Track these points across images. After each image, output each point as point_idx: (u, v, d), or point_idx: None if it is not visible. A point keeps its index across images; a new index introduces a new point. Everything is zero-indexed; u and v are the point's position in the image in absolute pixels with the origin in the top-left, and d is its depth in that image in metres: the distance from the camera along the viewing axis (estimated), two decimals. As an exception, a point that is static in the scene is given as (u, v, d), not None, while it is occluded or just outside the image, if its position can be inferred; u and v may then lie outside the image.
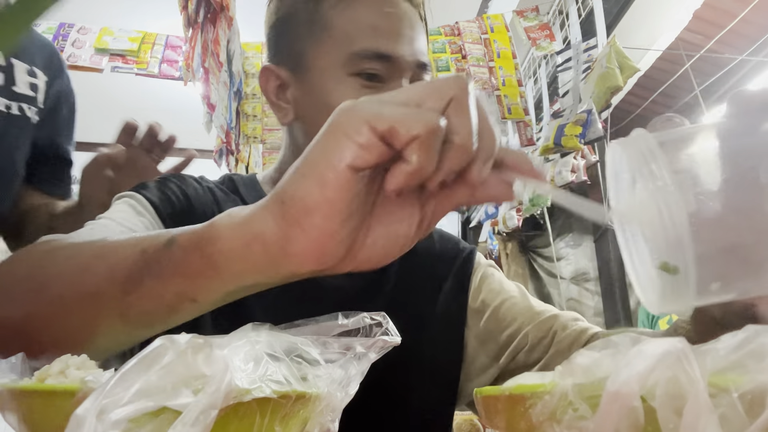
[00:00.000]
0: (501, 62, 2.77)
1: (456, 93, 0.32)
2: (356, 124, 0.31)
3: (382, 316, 0.38)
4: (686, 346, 0.25)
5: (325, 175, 0.31)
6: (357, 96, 0.61)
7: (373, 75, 0.63)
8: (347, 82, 0.63)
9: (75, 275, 0.39)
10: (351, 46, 0.62)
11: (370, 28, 0.63)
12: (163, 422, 0.25)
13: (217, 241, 0.35)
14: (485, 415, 0.32)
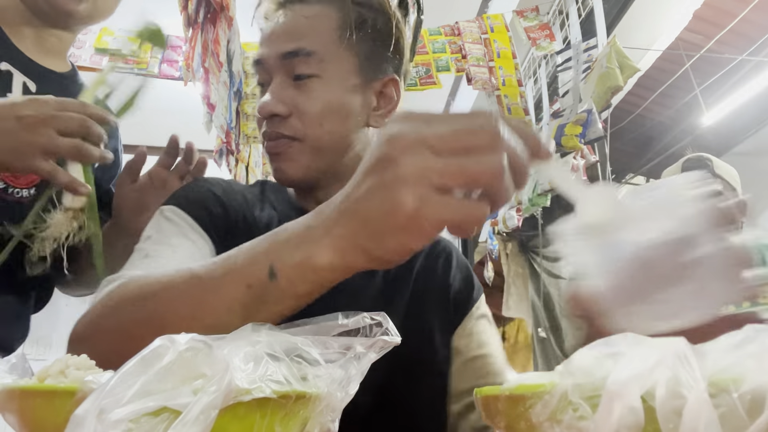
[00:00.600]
0: (501, 62, 2.77)
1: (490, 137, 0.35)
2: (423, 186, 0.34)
3: (382, 316, 0.38)
4: (686, 346, 0.25)
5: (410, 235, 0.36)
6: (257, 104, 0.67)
7: (260, 82, 0.71)
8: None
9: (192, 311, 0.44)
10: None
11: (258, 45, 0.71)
12: (163, 422, 0.25)
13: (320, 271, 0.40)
14: (485, 415, 0.32)
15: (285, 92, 0.67)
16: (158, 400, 0.25)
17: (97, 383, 0.27)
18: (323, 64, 0.67)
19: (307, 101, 0.67)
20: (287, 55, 0.67)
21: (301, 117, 0.67)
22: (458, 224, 0.35)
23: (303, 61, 0.67)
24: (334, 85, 0.68)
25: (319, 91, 0.67)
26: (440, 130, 0.35)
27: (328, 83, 0.68)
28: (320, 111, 0.67)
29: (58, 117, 0.69)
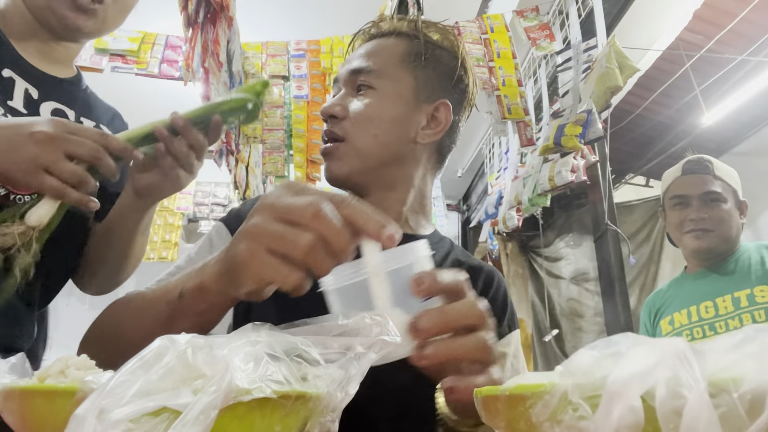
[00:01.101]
0: (501, 62, 2.77)
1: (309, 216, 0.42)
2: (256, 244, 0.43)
3: (382, 317, 0.38)
4: (686, 346, 0.25)
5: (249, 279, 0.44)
6: None
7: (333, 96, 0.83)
8: None
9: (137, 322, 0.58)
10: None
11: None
12: (163, 422, 0.25)
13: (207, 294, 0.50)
14: (485, 415, 0.32)
15: (344, 99, 0.79)
16: (158, 400, 0.25)
17: (97, 383, 0.27)
18: (381, 79, 0.78)
19: (359, 106, 0.77)
20: (354, 71, 0.80)
21: (351, 120, 0.76)
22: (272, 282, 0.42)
23: (364, 76, 0.78)
24: (387, 98, 0.78)
25: (371, 100, 0.77)
26: (290, 202, 0.43)
27: (381, 96, 0.78)
28: (368, 116, 0.76)
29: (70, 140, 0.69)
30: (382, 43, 0.82)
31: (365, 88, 0.78)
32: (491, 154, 4.37)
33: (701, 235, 1.61)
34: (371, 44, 0.83)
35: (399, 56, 0.80)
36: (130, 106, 5.13)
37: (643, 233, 4.59)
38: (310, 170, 3.11)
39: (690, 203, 1.64)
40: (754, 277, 1.53)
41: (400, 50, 0.81)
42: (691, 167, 1.70)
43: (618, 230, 2.72)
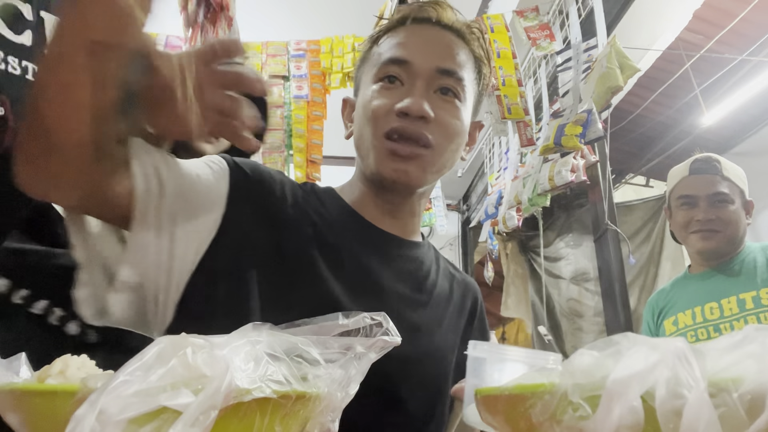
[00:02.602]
0: (501, 62, 2.77)
1: None
2: None
3: (383, 317, 0.38)
4: (686, 346, 0.25)
5: None
6: (383, 98, 0.71)
7: (391, 77, 0.73)
8: (374, 89, 0.74)
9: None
10: (381, 59, 0.75)
11: (397, 44, 0.75)
12: (163, 422, 0.25)
13: None
14: (485, 415, 0.32)
15: (432, 101, 0.72)
16: (158, 400, 0.25)
17: (97, 383, 0.27)
18: (465, 92, 0.75)
19: (448, 116, 0.73)
20: (446, 72, 0.73)
21: (439, 126, 0.72)
22: None
23: (455, 83, 0.74)
24: (465, 111, 0.76)
25: (457, 110, 0.74)
26: None
27: (463, 107, 0.75)
28: (455, 127, 0.74)
29: None
30: (460, 45, 0.77)
31: (452, 95, 0.74)
32: (491, 154, 4.37)
33: (708, 235, 1.61)
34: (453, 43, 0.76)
35: (473, 67, 0.78)
36: (130, 106, 5.01)
37: (643, 233, 4.59)
38: (310, 170, 3.11)
39: (697, 204, 1.64)
40: (759, 280, 1.53)
41: (471, 64, 0.78)
42: (699, 167, 1.69)
43: (618, 230, 2.72)
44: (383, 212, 0.77)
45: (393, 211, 0.77)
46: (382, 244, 0.75)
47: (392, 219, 0.77)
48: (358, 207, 0.77)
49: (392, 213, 0.77)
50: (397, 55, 0.73)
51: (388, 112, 0.71)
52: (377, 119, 0.72)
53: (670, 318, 1.67)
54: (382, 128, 0.71)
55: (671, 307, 1.70)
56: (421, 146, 0.71)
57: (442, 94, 0.73)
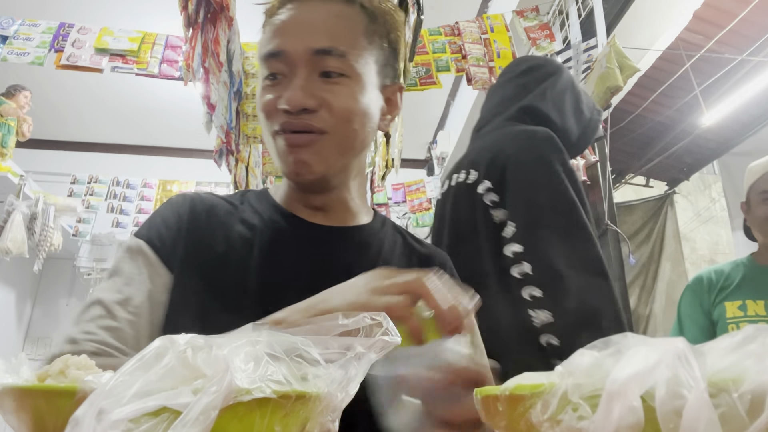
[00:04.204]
0: (501, 62, 2.77)
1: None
2: None
3: (383, 317, 0.38)
4: (686, 346, 0.24)
5: None
6: (267, 95, 0.68)
7: (273, 74, 0.69)
8: (262, 86, 0.70)
9: None
10: (261, 53, 0.70)
11: (272, 33, 0.69)
12: (163, 422, 0.25)
13: None
14: (485, 415, 0.32)
15: (312, 86, 0.67)
16: (158, 400, 0.25)
17: (97, 383, 0.27)
18: (353, 65, 0.68)
19: (337, 98, 0.67)
20: (320, 51, 0.67)
21: (330, 111, 0.67)
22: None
23: (336, 61, 0.67)
24: (361, 86, 0.69)
25: (348, 89, 0.68)
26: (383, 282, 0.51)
27: (356, 84, 0.69)
28: (348, 108, 0.68)
29: None
30: (339, 14, 0.70)
31: (337, 75, 0.68)
32: (491, 154, 4.37)
33: None
34: (324, 14, 0.70)
35: (363, 35, 0.71)
36: (131, 106, 5.16)
37: (643, 233, 4.59)
38: (310, 170, 3.11)
39: None
40: None
41: (362, 27, 0.71)
42: None
43: (618, 230, 2.72)
44: (312, 207, 0.74)
45: (321, 205, 0.74)
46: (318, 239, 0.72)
47: (323, 212, 0.74)
48: (288, 205, 0.75)
49: (321, 207, 0.74)
50: (271, 49, 0.68)
51: (273, 110, 0.68)
52: (267, 119, 0.69)
53: (735, 302, 1.68)
54: (273, 126, 0.69)
55: (735, 289, 1.70)
56: (315, 134, 0.67)
57: (326, 77, 0.67)
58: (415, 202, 5.03)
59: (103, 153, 6.06)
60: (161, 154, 6.05)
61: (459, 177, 1.26)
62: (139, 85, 4.55)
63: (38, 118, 4.83)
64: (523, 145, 1.16)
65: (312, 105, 0.66)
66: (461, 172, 1.26)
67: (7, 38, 2.97)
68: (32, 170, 5.03)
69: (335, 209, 0.75)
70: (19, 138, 4.66)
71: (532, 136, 1.17)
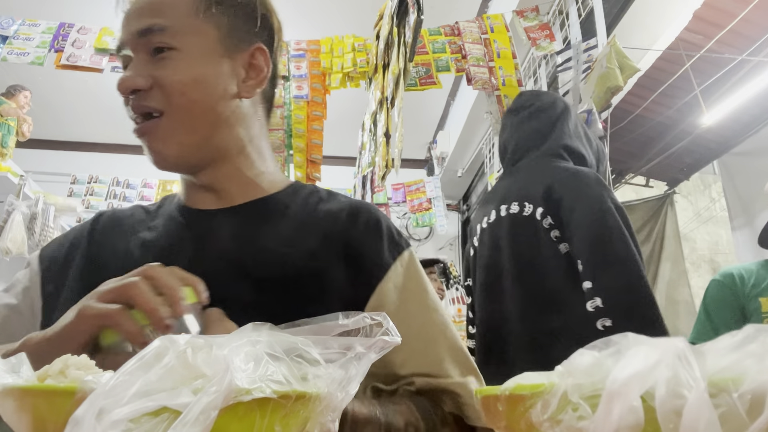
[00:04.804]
0: (501, 62, 2.77)
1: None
2: None
3: (383, 317, 0.38)
4: (686, 346, 0.24)
5: None
6: None
7: (124, 66, 0.69)
8: None
9: None
10: None
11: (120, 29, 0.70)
12: (163, 422, 0.25)
13: None
14: (485, 415, 0.32)
15: (144, 67, 0.66)
16: (158, 400, 0.25)
17: (97, 383, 0.27)
18: (180, 36, 0.67)
19: (166, 72, 0.66)
20: (143, 32, 0.66)
21: (162, 89, 0.65)
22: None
23: (159, 36, 0.66)
24: (193, 57, 0.67)
25: (177, 62, 0.66)
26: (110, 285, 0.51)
27: (186, 55, 0.67)
28: (180, 81, 0.66)
29: None
30: None
31: (165, 50, 0.66)
32: (491, 154, 4.37)
33: None
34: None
35: (190, 5, 0.69)
36: (130, 106, 4.97)
37: (643, 233, 4.59)
38: (310, 170, 3.11)
39: None
40: None
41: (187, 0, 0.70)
42: None
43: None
44: (203, 192, 0.72)
45: (210, 186, 0.71)
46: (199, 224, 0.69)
47: (215, 193, 0.71)
48: (187, 197, 0.73)
49: (210, 188, 0.71)
50: (118, 44, 0.69)
51: (126, 101, 0.67)
52: (127, 111, 0.68)
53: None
54: (128, 115, 0.68)
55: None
56: (154, 117, 0.66)
57: (157, 54, 0.66)
58: (415, 202, 5.02)
59: (103, 153, 6.06)
60: (161, 154, 6.03)
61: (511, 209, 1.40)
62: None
63: (38, 118, 4.83)
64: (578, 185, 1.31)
65: (141, 84, 0.65)
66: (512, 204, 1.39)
67: (7, 38, 2.97)
68: (32, 170, 5.03)
69: (228, 188, 0.71)
70: (19, 138, 4.67)
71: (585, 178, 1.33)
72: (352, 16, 3.59)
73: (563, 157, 1.44)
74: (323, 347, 0.34)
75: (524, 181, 1.42)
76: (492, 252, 1.47)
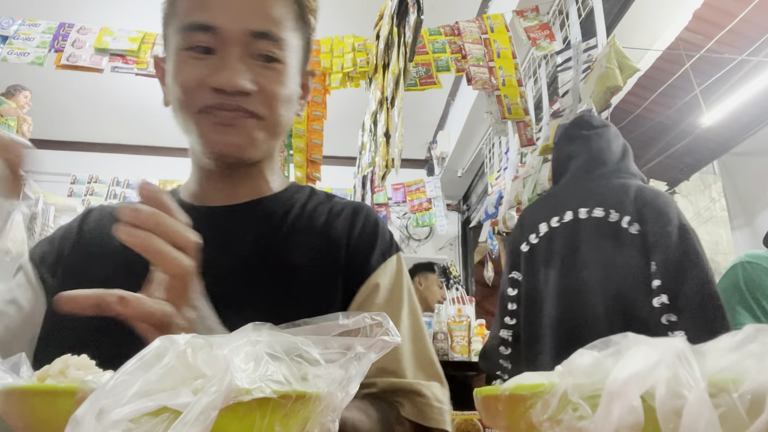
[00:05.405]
0: (501, 62, 2.77)
1: None
2: None
3: (383, 317, 0.38)
4: (686, 346, 0.25)
5: None
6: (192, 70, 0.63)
7: (202, 47, 0.64)
8: (182, 57, 0.65)
9: None
10: (183, 22, 0.65)
11: (194, 3, 0.65)
12: (163, 422, 0.25)
13: None
14: (485, 415, 0.32)
15: (250, 71, 0.65)
16: (158, 400, 0.25)
17: (97, 383, 0.27)
18: (287, 51, 0.67)
19: (273, 85, 0.66)
20: (258, 34, 0.65)
21: (265, 97, 0.65)
22: None
23: (272, 46, 0.65)
24: (291, 73, 0.68)
25: (282, 75, 0.67)
26: None
27: (287, 69, 0.68)
28: (283, 95, 0.67)
29: None
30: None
31: (273, 60, 0.66)
32: (491, 154, 4.38)
33: None
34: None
35: (294, 21, 0.69)
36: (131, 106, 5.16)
37: (643, 233, 4.58)
38: (311, 170, 3.11)
39: None
40: None
41: (293, 10, 0.69)
42: None
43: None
44: (222, 186, 0.71)
45: (231, 182, 0.71)
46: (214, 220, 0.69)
47: (231, 189, 0.71)
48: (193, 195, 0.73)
49: (231, 183, 0.71)
50: (200, 21, 0.64)
51: (199, 86, 0.63)
52: (189, 94, 0.64)
53: None
54: (196, 105, 0.64)
55: None
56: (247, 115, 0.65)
57: (263, 61, 0.65)
58: (415, 202, 5.02)
59: (103, 153, 6.06)
60: (161, 154, 6.05)
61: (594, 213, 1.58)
62: (139, 85, 4.55)
63: (38, 118, 4.83)
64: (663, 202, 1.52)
65: (249, 89, 0.64)
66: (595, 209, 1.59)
67: (7, 38, 2.97)
68: (32, 170, 5.03)
69: (242, 187, 0.72)
70: (19, 138, 4.66)
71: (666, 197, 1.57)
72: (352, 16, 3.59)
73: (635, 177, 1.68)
74: (323, 347, 0.34)
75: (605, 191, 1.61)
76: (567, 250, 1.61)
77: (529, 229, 1.75)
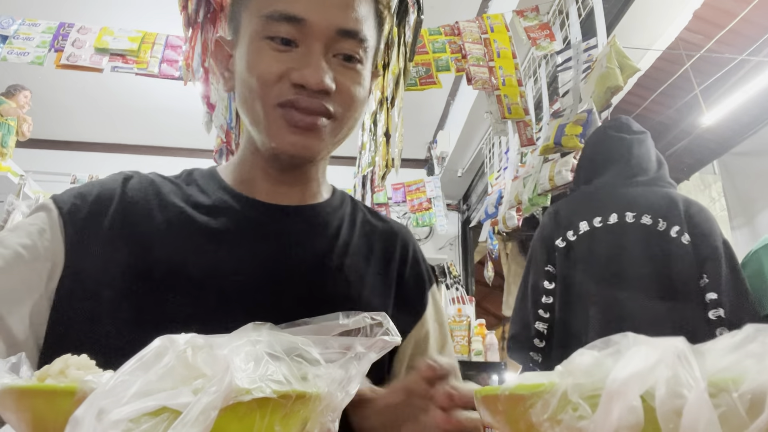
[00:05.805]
0: (501, 62, 2.77)
1: None
2: None
3: (383, 316, 0.38)
4: (686, 346, 0.24)
5: None
6: (271, 62, 0.62)
7: (285, 39, 0.62)
8: (261, 46, 0.63)
9: None
10: (265, 9, 0.63)
11: None
12: (163, 422, 0.25)
13: None
14: (485, 415, 0.32)
15: (334, 69, 0.63)
16: (158, 400, 0.25)
17: (97, 383, 0.27)
18: (368, 53, 0.66)
19: (353, 86, 0.65)
20: (346, 33, 0.63)
21: (342, 97, 0.64)
22: None
23: (357, 46, 0.64)
24: (367, 76, 0.68)
25: (361, 77, 0.66)
26: None
27: (365, 71, 0.67)
28: (358, 96, 0.66)
29: None
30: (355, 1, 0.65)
31: (353, 60, 0.64)
32: (491, 153, 4.37)
33: None
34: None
35: (374, 17, 0.67)
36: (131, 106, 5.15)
37: (643, 233, 4.58)
38: (310, 170, 3.10)
39: None
40: None
41: (374, 11, 0.68)
42: None
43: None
44: (276, 183, 0.70)
45: (289, 181, 0.70)
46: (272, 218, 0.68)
47: (288, 188, 0.70)
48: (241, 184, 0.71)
49: (288, 182, 0.70)
50: (289, 12, 0.61)
51: (281, 79, 0.62)
52: (267, 87, 0.62)
53: None
54: (275, 98, 0.62)
55: None
56: (322, 117, 0.63)
57: (344, 60, 0.64)
58: (415, 202, 5.02)
59: (103, 153, 6.06)
60: (161, 154, 6.05)
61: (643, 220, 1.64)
62: (139, 85, 4.55)
63: (38, 118, 4.83)
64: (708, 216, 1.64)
65: (331, 88, 0.62)
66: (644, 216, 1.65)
67: (7, 38, 2.97)
68: (32, 170, 5.03)
69: (301, 185, 0.72)
70: (19, 138, 4.66)
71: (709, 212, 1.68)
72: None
73: (674, 186, 1.77)
74: (323, 347, 0.34)
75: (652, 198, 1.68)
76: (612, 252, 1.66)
77: (566, 225, 1.76)
